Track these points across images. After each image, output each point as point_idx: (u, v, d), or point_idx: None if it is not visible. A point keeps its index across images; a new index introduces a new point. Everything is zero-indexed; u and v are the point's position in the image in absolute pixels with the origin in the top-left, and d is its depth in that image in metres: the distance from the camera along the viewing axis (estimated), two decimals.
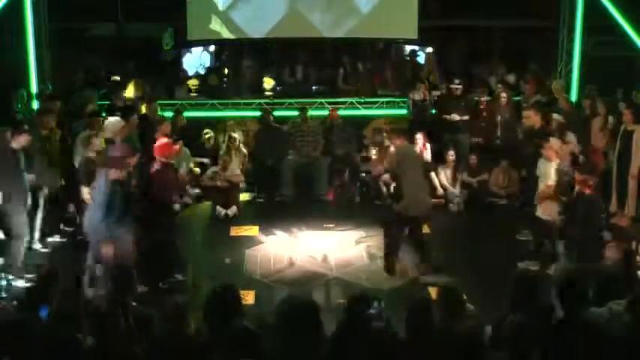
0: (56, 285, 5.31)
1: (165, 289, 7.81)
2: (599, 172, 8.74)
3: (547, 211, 8.42)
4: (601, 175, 9.37)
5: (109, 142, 8.69)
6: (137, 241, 7.57)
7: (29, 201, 8.28)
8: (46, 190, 9.06)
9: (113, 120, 9.42)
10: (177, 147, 8.55)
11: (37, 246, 8.89)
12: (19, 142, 8.13)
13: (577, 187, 7.70)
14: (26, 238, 8.24)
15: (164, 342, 4.67)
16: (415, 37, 13.75)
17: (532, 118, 9.45)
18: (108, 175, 7.13)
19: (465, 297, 5.13)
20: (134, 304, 5.36)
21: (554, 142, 8.60)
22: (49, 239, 9.12)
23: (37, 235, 8.91)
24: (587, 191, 7.63)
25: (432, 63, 14.31)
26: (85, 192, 8.11)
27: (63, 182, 9.32)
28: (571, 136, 9.63)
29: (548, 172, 8.37)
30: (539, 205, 8.46)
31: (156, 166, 8.08)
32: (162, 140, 8.49)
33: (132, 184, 7.83)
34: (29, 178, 8.28)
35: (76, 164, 8.98)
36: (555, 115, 9.97)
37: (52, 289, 5.20)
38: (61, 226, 9.47)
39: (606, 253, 6.42)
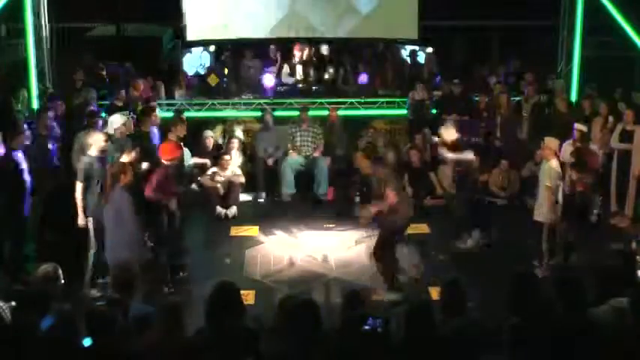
0: (55, 285, 5.30)
1: (165, 290, 7.82)
2: (593, 170, 8.76)
3: (542, 215, 8.45)
4: (598, 175, 9.41)
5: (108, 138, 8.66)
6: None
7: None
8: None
9: (116, 116, 9.41)
10: (180, 150, 8.53)
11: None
12: (18, 142, 8.14)
13: (572, 185, 7.75)
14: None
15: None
16: (415, 37, 13.76)
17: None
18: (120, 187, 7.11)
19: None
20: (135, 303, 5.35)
21: (550, 141, 8.58)
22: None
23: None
24: (580, 188, 7.64)
25: (431, 63, 14.31)
26: (79, 190, 8.03)
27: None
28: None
29: (547, 172, 8.38)
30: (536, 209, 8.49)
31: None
32: (169, 141, 8.53)
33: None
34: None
35: (75, 164, 8.97)
36: (578, 125, 9.55)
37: (51, 289, 5.19)
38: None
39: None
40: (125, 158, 7.85)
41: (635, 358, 4.62)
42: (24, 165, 8.22)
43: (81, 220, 7.87)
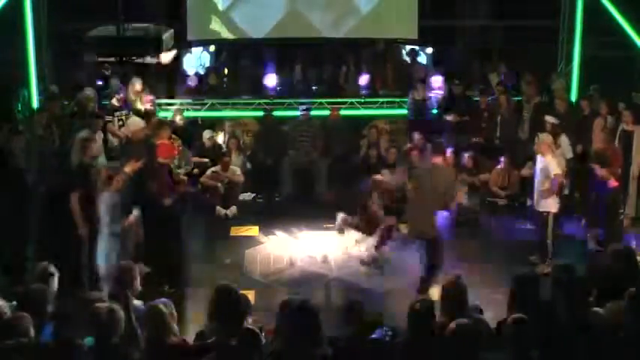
0: (52, 285, 5.29)
1: (165, 290, 7.81)
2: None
3: (545, 205, 8.47)
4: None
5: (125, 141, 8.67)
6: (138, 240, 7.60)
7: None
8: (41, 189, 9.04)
9: (135, 120, 9.34)
10: (176, 150, 8.53)
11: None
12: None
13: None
14: None
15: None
16: (415, 37, 13.76)
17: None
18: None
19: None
20: (136, 302, 5.33)
21: (545, 136, 8.62)
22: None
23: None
24: (614, 184, 7.65)
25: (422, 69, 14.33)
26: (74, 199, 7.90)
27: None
28: (564, 139, 9.62)
29: (546, 167, 8.41)
30: (543, 199, 8.50)
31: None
32: (163, 142, 8.51)
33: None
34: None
35: (74, 164, 8.94)
36: (548, 117, 9.90)
37: (48, 289, 5.18)
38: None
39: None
40: (128, 168, 7.64)
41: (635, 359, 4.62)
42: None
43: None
